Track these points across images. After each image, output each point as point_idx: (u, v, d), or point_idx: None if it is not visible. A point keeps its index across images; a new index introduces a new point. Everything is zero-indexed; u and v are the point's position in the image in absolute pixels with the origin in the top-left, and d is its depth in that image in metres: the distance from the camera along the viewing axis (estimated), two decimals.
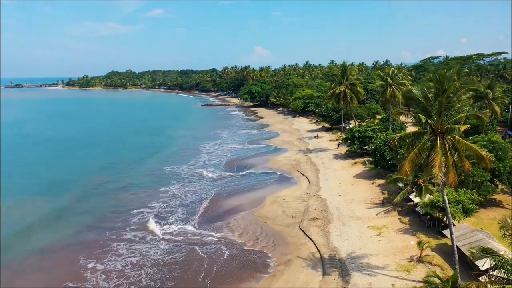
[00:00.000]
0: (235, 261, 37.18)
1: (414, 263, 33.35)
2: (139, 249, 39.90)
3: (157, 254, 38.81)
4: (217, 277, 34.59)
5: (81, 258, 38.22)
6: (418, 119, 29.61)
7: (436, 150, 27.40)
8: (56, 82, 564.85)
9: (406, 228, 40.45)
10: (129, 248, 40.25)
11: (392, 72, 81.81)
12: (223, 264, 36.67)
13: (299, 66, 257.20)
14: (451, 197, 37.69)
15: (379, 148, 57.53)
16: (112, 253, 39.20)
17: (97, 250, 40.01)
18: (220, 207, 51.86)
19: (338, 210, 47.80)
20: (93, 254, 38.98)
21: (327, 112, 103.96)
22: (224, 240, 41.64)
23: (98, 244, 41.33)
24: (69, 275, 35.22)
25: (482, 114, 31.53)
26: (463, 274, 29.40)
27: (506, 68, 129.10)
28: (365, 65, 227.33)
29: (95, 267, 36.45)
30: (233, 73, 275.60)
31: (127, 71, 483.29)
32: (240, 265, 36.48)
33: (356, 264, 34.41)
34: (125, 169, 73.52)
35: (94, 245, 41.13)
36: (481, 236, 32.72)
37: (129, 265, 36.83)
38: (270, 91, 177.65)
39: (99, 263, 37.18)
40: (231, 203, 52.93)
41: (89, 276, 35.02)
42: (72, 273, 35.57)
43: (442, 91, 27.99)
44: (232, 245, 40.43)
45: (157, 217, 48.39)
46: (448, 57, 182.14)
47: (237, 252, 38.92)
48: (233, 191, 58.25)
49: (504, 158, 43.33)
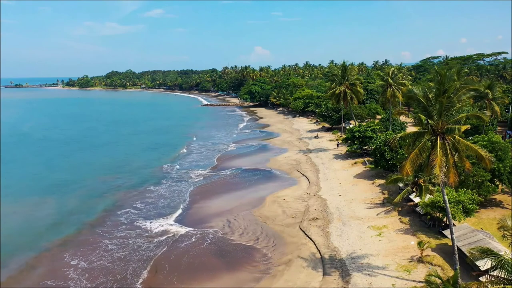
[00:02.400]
0: (234, 261, 37.18)
1: (414, 263, 33.35)
2: (129, 245, 40.50)
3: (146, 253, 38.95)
4: (214, 276, 34.58)
5: (66, 256, 38.74)
6: (418, 119, 29.64)
7: (436, 150, 27.41)
8: (56, 82, 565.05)
9: (407, 228, 40.46)
10: (119, 244, 40.90)
11: (392, 72, 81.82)
12: (222, 264, 36.67)
13: (299, 66, 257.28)
14: (452, 197, 37.69)
15: (379, 148, 57.53)
16: (101, 249, 39.85)
17: (85, 247, 40.64)
18: (220, 207, 51.82)
19: (338, 210, 47.80)
20: (80, 251, 39.61)
21: (327, 112, 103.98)
22: (222, 239, 41.65)
23: (87, 242, 41.96)
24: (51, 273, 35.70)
25: (482, 114, 31.53)
26: (464, 274, 29.42)
27: (506, 68, 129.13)
28: (365, 65, 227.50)
29: (77, 264, 36.93)
30: (233, 73, 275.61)
31: (127, 71, 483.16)
32: (239, 265, 36.46)
33: (357, 264, 34.42)
34: (117, 168, 73.55)
35: (83, 243, 41.80)
36: (481, 236, 32.73)
37: (116, 261, 37.42)
38: (270, 91, 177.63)
39: (83, 260, 37.69)
40: (231, 203, 52.87)
41: (71, 274, 35.36)
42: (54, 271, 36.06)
43: (443, 91, 28.00)
44: (230, 245, 40.43)
45: (145, 217, 48.72)
46: (448, 57, 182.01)
47: (236, 252, 38.90)
48: (233, 191, 58.25)
49: (504, 158, 43.33)
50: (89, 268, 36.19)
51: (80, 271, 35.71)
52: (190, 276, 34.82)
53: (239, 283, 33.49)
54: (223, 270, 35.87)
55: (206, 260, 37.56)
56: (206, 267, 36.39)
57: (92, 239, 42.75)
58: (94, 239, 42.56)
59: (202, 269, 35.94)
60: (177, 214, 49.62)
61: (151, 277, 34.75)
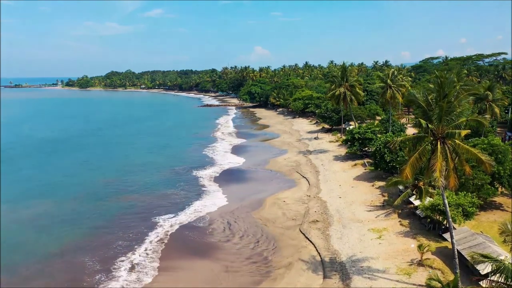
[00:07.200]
0: (233, 264, 37.20)
1: (414, 266, 33.40)
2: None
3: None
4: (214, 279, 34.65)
5: (87, 261, 38.16)
6: (418, 123, 29.69)
7: (437, 155, 27.45)
8: (56, 82, 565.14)
9: (407, 231, 40.50)
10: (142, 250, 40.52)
11: (392, 73, 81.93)
12: (221, 267, 36.70)
13: (298, 66, 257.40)
14: (452, 200, 37.73)
15: (379, 150, 57.55)
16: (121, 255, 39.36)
17: (103, 252, 40.14)
18: (219, 207, 51.86)
19: (339, 212, 47.84)
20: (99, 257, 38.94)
21: (327, 113, 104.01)
22: (220, 242, 41.70)
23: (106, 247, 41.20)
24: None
25: (482, 119, 31.64)
26: (464, 278, 29.44)
27: (505, 69, 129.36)
28: (364, 66, 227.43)
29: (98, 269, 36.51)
30: (232, 74, 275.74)
31: (126, 71, 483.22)
32: (239, 268, 36.47)
33: (357, 267, 34.46)
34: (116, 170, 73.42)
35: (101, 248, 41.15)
36: (481, 239, 32.78)
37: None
38: (269, 91, 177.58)
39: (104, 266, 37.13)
40: (230, 205, 52.91)
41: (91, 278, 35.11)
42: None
43: (443, 95, 28.04)
44: (229, 248, 40.48)
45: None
46: (448, 58, 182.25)
47: (235, 254, 38.92)
48: (232, 192, 58.26)
49: (504, 160, 43.37)
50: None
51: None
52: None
53: (239, 286, 33.49)
54: (222, 272, 35.87)
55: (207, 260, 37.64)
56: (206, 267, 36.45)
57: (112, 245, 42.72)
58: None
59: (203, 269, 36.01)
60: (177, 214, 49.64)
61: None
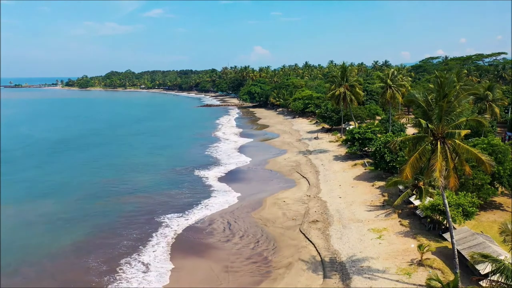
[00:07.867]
0: (234, 264, 37.22)
1: (414, 266, 33.40)
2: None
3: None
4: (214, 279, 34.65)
5: (90, 261, 38.10)
6: (418, 123, 29.71)
7: (436, 155, 27.48)
8: (56, 82, 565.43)
9: (407, 231, 40.51)
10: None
11: (392, 73, 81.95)
12: (221, 267, 36.70)
13: (298, 66, 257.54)
14: (452, 200, 37.74)
15: (379, 150, 57.58)
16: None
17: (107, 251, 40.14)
18: (218, 208, 51.85)
19: (339, 212, 47.85)
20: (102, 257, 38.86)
21: (327, 113, 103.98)
22: (220, 242, 41.72)
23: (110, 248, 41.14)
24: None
25: (482, 119, 31.59)
26: (464, 278, 29.48)
27: (505, 69, 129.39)
28: (364, 65, 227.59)
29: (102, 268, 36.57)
30: (232, 74, 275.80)
31: (126, 71, 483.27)
32: (239, 268, 36.48)
33: (357, 267, 34.47)
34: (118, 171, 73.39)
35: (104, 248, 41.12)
36: (481, 239, 32.79)
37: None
38: (269, 91, 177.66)
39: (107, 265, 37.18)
40: (230, 206, 52.91)
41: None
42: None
43: (443, 95, 28.06)
44: (229, 248, 40.48)
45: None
46: (448, 57, 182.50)
47: (236, 255, 38.95)
48: (232, 191, 58.24)
49: (504, 160, 43.39)
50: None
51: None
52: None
53: (239, 286, 33.50)
54: (222, 272, 35.88)
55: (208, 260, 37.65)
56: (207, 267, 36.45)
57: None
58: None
59: (203, 269, 36.02)
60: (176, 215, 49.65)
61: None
